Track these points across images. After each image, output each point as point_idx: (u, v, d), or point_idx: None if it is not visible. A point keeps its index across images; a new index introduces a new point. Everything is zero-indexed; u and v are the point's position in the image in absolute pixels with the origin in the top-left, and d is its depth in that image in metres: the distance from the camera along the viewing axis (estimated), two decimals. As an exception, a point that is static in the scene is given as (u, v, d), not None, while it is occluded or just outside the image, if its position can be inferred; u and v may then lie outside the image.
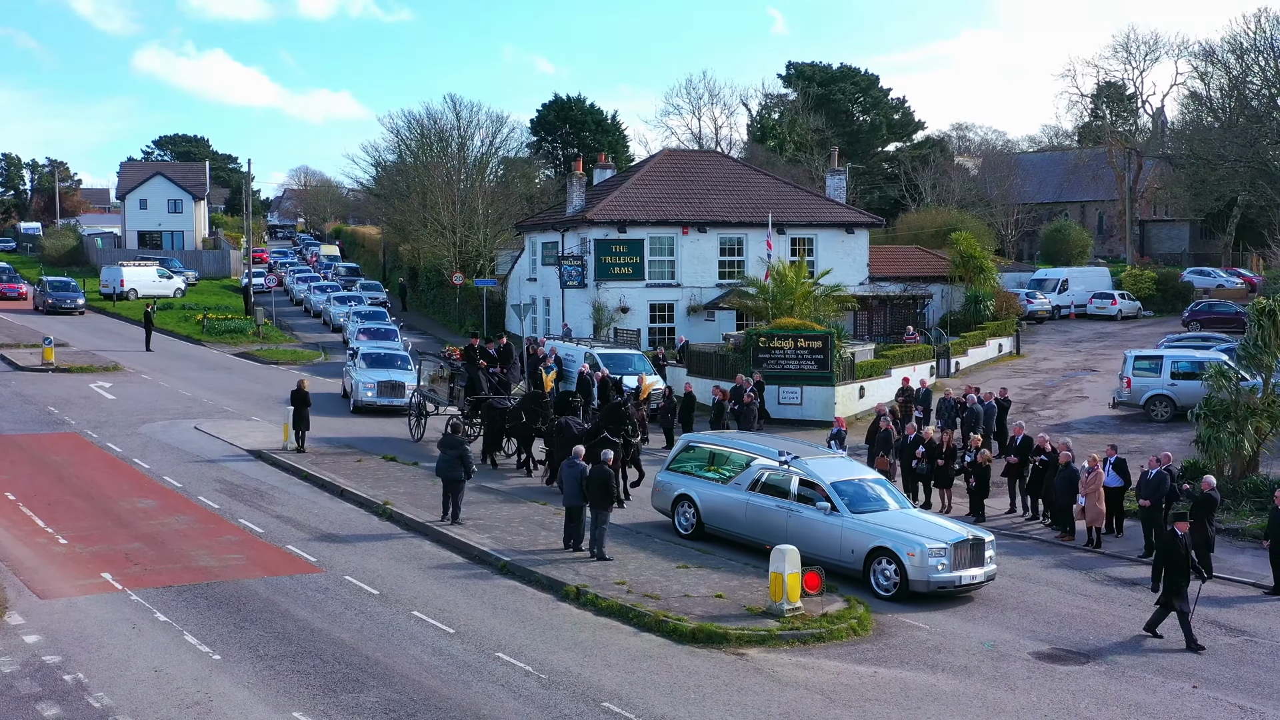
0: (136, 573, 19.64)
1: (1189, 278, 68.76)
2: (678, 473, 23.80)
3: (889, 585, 19.84)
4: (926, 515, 21.99)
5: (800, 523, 21.02)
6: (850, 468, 22.42)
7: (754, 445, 23.36)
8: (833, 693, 15.75)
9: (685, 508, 23.19)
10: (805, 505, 21.11)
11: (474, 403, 30.31)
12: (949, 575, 19.67)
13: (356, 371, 36.92)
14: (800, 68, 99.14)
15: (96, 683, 15.04)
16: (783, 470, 21.70)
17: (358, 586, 19.40)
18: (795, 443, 24.49)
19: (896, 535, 20.01)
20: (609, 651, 16.89)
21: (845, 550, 20.42)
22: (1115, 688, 16.38)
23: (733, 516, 22.24)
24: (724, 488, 22.65)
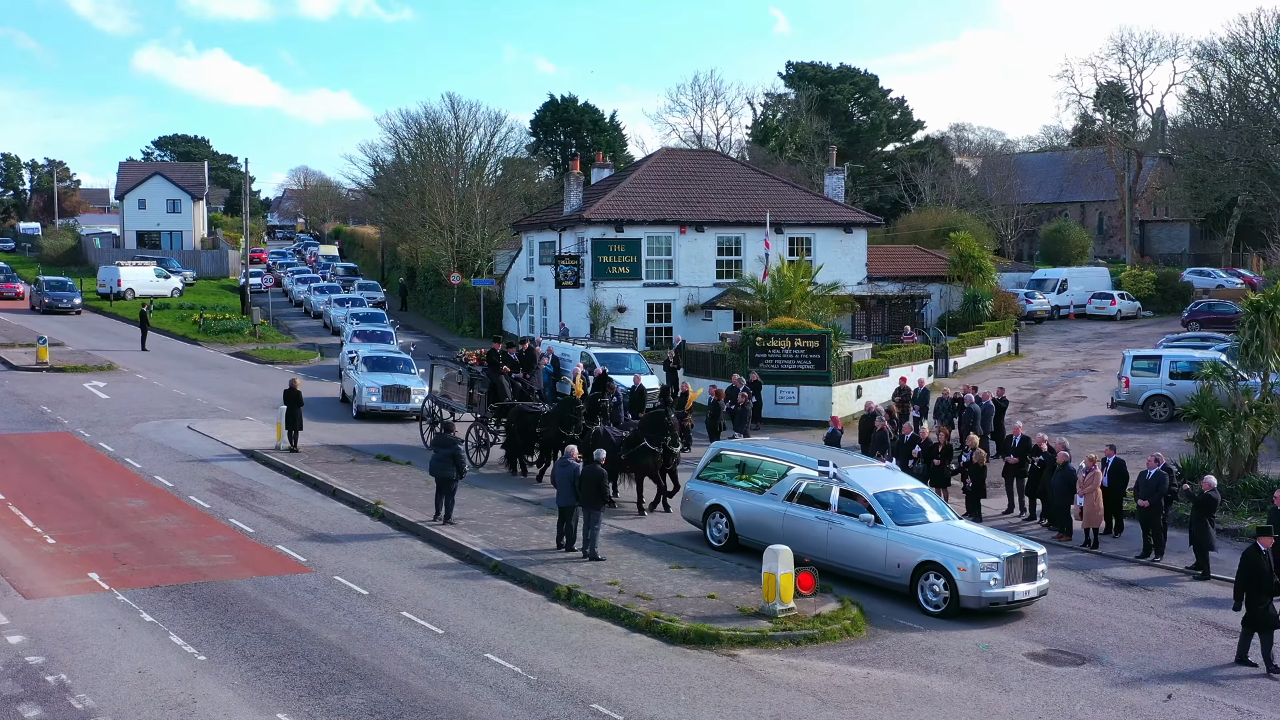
0: (124, 573, 19.47)
1: (1189, 278, 68.60)
2: (709, 482, 22.89)
3: (938, 602, 18.88)
4: (974, 527, 21.04)
5: (841, 535, 20.17)
6: (893, 477, 21.47)
7: (790, 454, 22.39)
8: (825, 694, 15.57)
9: (718, 518, 22.26)
10: (846, 517, 20.18)
11: (499, 409, 28.99)
12: (1002, 591, 18.74)
13: (358, 376, 35.75)
14: (800, 67, 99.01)
15: (79, 684, 14.87)
16: (822, 480, 20.76)
17: (347, 587, 19.23)
18: (832, 450, 23.63)
19: (946, 549, 19.03)
20: (599, 652, 16.71)
21: (890, 564, 19.51)
22: (1111, 690, 16.21)
23: (769, 528, 21.18)
24: (759, 498, 21.73)
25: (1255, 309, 25.73)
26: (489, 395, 29.09)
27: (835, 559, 20.17)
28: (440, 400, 31.41)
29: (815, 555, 20.00)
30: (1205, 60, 75.25)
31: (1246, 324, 26.03)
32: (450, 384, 31.51)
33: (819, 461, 21.14)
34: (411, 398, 34.36)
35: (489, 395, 29.09)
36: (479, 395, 29.41)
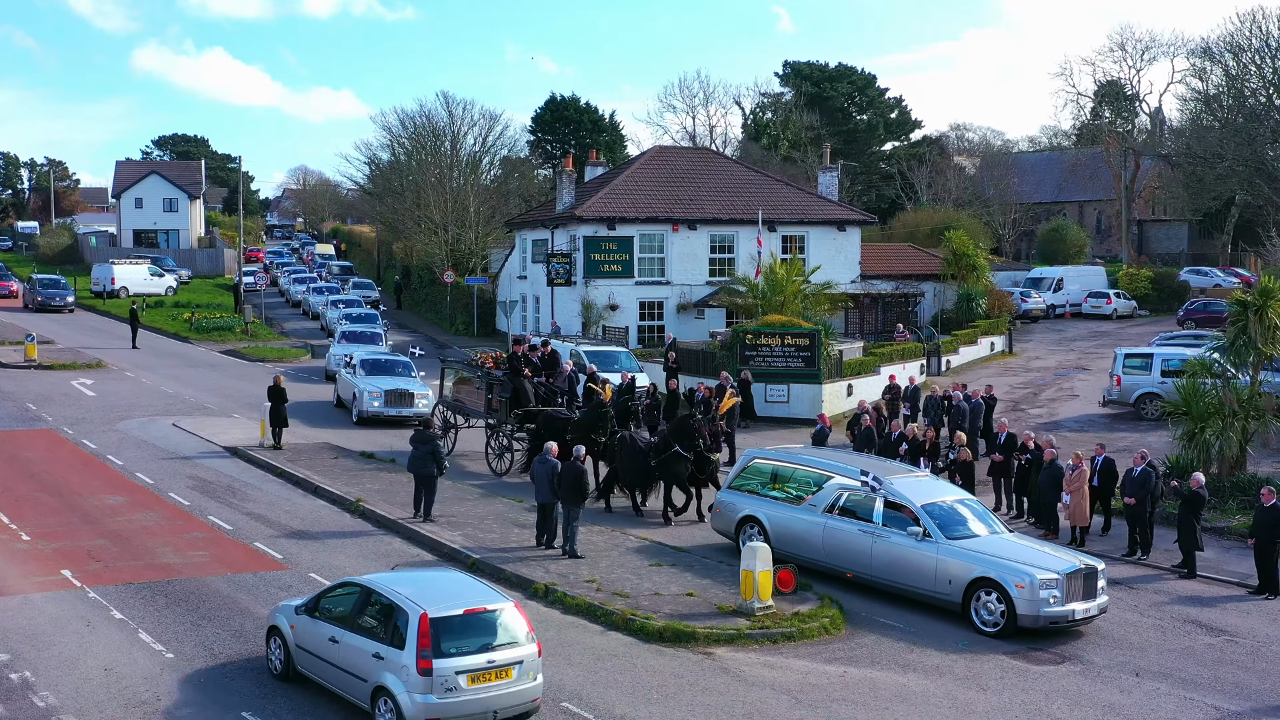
0: (97, 570, 19.33)
1: (1185, 277, 68.37)
2: (741, 492, 21.81)
3: (993, 621, 17.93)
4: (1027, 541, 19.92)
5: (887, 549, 19.17)
6: (938, 487, 20.55)
7: (827, 462, 21.29)
8: (799, 693, 15.40)
9: (751, 531, 21.11)
10: (892, 530, 19.17)
11: (523, 415, 27.58)
12: (1061, 609, 17.75)
13: (357, 379, 34.34)
14: (797, 67, 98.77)
15: (43, 681, 14.72)
16: (864, 491, 19.74)
17: (322, 584, 18.99)
18: (872, 459, 22.69)
19: (1002, 564, 18.04)
20: (573, 650, 16.54)
21: (940, 581, 18.53)
22: (1089, 688, 16.03)
23: (808, 541, 20.28)
24: (796, 509, 20.69)
25: (1243, 307, 25.51)
26: (512, 401, 27.83)
27: (880, 574, 19.31)
28: (452, 405, 30.32)
29: (858, 570, 19.37)
30: (1203, 59, 75.07)
31: (1234, 322, 25.81)
32: (463, 388, 30.28)
33: (861, 471, 20.05)
34: (415, 402, 33.25)
35: (512, 401, 27.83)
36: (499, 401, 28.17)
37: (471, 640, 13.49)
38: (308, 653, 14.52)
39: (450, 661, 13.19)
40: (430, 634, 13.17)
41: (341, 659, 13.98)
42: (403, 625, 13.34)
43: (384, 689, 13.26)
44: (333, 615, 14.41)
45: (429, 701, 13.01)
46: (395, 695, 13.10)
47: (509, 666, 13.55)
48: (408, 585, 14.24)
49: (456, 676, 13.18)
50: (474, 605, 13.79)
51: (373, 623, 13.81)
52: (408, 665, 13.11)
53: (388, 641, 13.44)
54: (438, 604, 13.57)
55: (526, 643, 13.83)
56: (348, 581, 14.96)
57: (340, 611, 14.34)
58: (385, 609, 13.73)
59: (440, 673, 13.10)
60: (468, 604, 13.78)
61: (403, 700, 13.04)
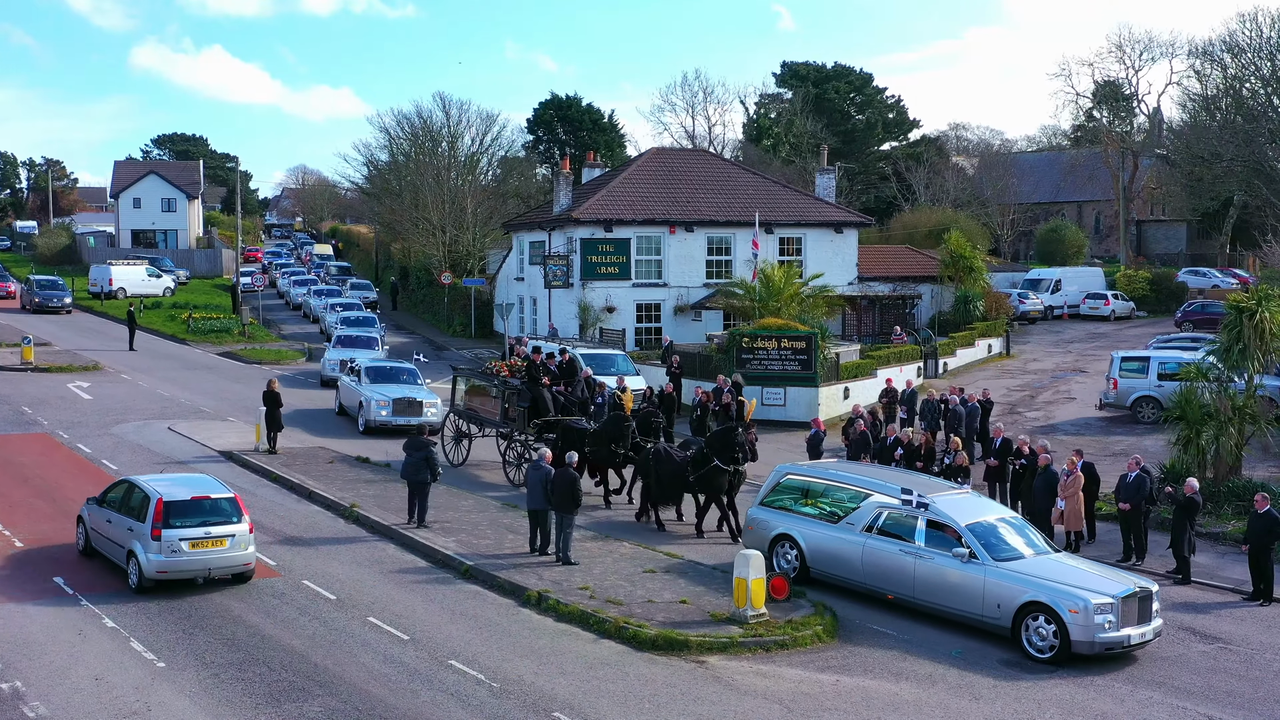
0: (89, 577, 19.27)
1: (1184, 278, 68.29)
2: (773, 509, 21.17)
3: (1045, 646, 17.24)
4: (1078, 561, 19.24)
5: (931, 571, 18.57)
6: (982, 506, 19.89)
7: (865, 479, 20.63)
8: (792, 702, 15.37)
9: (786, 549, 20.60)
10: (936, 551, 18.56)
11: (542, 425, 26.95)
12: (1117, 634, 17.12)
13: (363, 388, 33.42)
14: (795, 67, 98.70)
15: (34, 691, 14.69)
16: (906, 509, 19.13)
17: (315, 591, 19.04)
18: (912, 475, 22.02)
19: (1054, 588, 17.40)
20: (565, 659, 16.52)
21: (989, 605, 17.87)
22: (1082, 696, 16.00)
23: (846, 561, 19.71)
24: (834, 528, 20.06)
25: (1238, 311, 25.47)
26: (531, 410, 27.21)
27: (923, 597, 18.72)
28: (465, 414, 29.68)
29: (900, 592, 18.93)
30: (1201, 60, 75.04)
31: (1229, 325, 25.78)
32: (477, 396, 29.60)
33: (902, 490, 19.41)
34: (424, 411, 32.36)
35: (531, 410, 27.21)
36: (517, 410, 27.51)
37: (194, 519, 18.67)
38: (96, 532, 20.00)
39: (175, 532, 18.44)
40: (163, 513, 18.42)
41: (111, 533, 19.39)
42: (147, 506, 18.57)
43: (132, 552, 18.61)
44: (109, 503, 19.69)
45: (159, 560, 18.34)
46: (138, 555, 18.47)
47: (223, 538, 18.78)
48: (160, 480, 19.85)
49: (180, 542, 18.43)
50: (199, 494, 19.13)
51: (131, 506, 19.02)
52: (146, 534, 18.38)
53: (137, 519, 18.66)
54: (172, 493, 18.91)
55: (239, 523, 19.02)
56: (122, 480, 20.49)
57: (114, 499, 19.66)
58: (140, 496, 18.99)
59: (167, 539, 18.37)
60: (195, 493, 19.13)
61: (142, 559, 18.40)
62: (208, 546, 18.60)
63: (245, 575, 19.11)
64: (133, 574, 18.60)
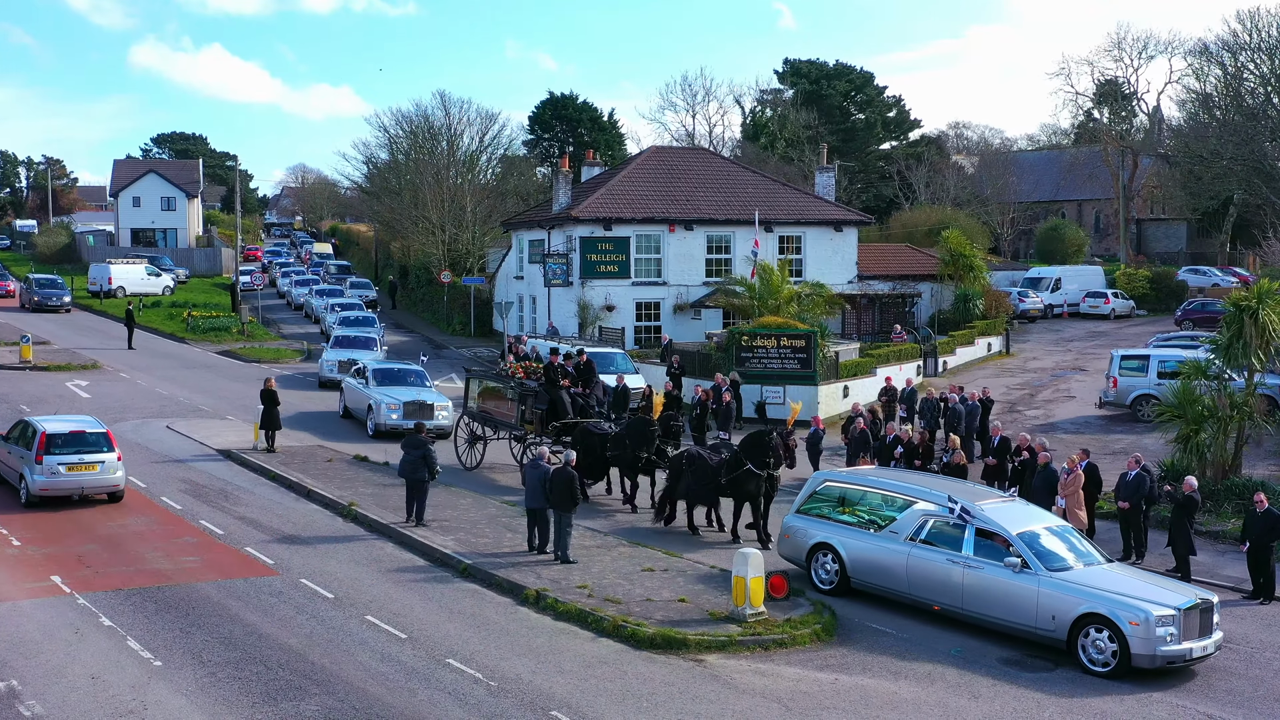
0: (87, 575, 19.26)
1: (1184, 276, 68.27)
2: (811, 516, 20.54)
3: (1103, 660, 16.65)
4: (1130, 571, 18.72)
5: (980, 581, 17.94)
6: (1030, 513, 19.20)
7: (908, 486, 19.99)
8: (790, 700, 15.33)
9: (825, 558, 19.96)
10: (986, 561, 17.96)
11: (560, 428, 26.62)
12: (1178, 648, 16.47)
13: (371, 390, 32.70)
14: (796, 65, 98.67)
15: (30, 690, 14.66)
16: (952, 517, 18.54)
17: (313, 590, 19.00)
18: (955, 482, 21.33)
19: (1113, 599, 16.78)
20: (563, 657, 16.47)
21: (1043, 616, 17.25)
22: (1082, 695, 15.95)
23: (889, 571, 19.11)
24: (875, 537, 19.46)
25: (1238, 308, 25.43)
26: (549, 413, 26.88)
27: (973, 608, 18.11)
28: (479, 416, 29.22)
29: (948, 603, 18.35)
30: (1201, 59, 74.98)
31: (1229, 323, 25.73)
32: (491, 398, 29.16)
33: (948, 497, 18.87)
34: (435, 414, 31.67)
35: (549, 413, 26.88)
36: (534, 413, 27.16)
37: (71, 448, 23.55)
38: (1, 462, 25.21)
39: (55, 458, 23.41)
40: (45, 443, 23.39)
41: (10, 461, 24.72)
42: (34, 438, 23.53)
43: (23, 475, 23.74)
44: (10, 438, 24.86)
45: (42, 480, 23.38)
46: (26, 477, 23.58)
47: (95, 463, 23.67)
48: (49, 420, 25.22)
49: (59, 466, 23.37)
50: (77, 429, 24.12)
51: (25, 439, 24.04)
52: (32, 460, 23.38)
53: (27, 448, 23.67)
54: (55, 428, 23.98)
55: (109, 453, 23.88)
56: (20, 420, 25.58)
57: (14, 435, 24.84)
58: (31, 430, 23.99)
59: (48, 464, 23.37)
60: (73, 428, 24.14)
61: (29, 479, 23.50)
62: (81, 470, 23.52)
63: (116, 495, 24.22)
64: (23, 491, 23.81)
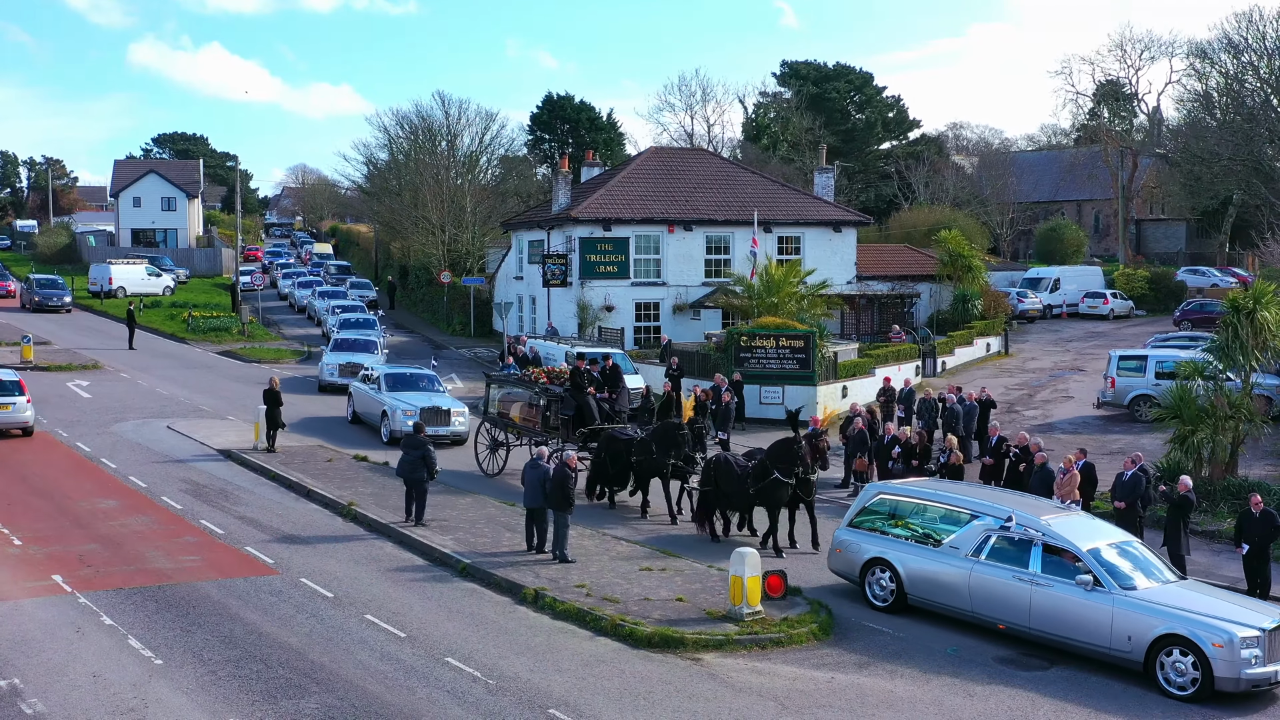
0: (88, 575, 19.36)
1: (1183, 277, 68.39)
2: (864, 530, 19.86)
3: (1184, 683, 15.94)
4: (1207, 589, 18.00)
5: (1050, 600, 17.25)
6: (1098, 528, 18.57)
7: (969, 500, 19.23)
8: (786, 699, 15.43)
9: (880, 574, 19.28)
10: (1055, 579, 17.28)
11: (587, 434, 26.15)
12: (1264, 670, 15.82)
13: (384, 396, 32.04)
14: (795, 66, 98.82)
15: (32, 689, 14.75)
16: (1018, 532, 17.89)
17: (312, 589, 19.10)
18: (1018, 495, 20.64)
19: (1193, 619, 16.10)
20: (561, 656, 16.57)
21: (1117, 637, 16.60)
22: (1077, 694, 16.05)
23: (951, 589, 18.40)
24: (934, 552, 18.75)
25: (1235, 309, 25.54)
26: (575, 419, 26.45)
27: (1041, 627, 17.43)
28: (500, 422, 28.68)
29: (1014, 622, 17.66)
30: (1201, 59, 75.10)
31: (1226, 324, 25.85)
32: (512, 404, 28.59)
33: (1012, 512, 18.25)
34: (450, 420, 31.18)
35: (575, 419, 26.45)
36: (559, 419, 26.69)
37: None
38: None
39: None
40: None
41: None
42: None
43: None
44: None
45: None
46: None
47: (7, 404, 30.07)
48: None
49: None
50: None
51: None
52: None
53: None
54: None
55: (20, 396, 30.35)
56: None
57: None
58: None
59: None
60: None
61: None
62: None
63: (28, 431, 30.56)
64: None
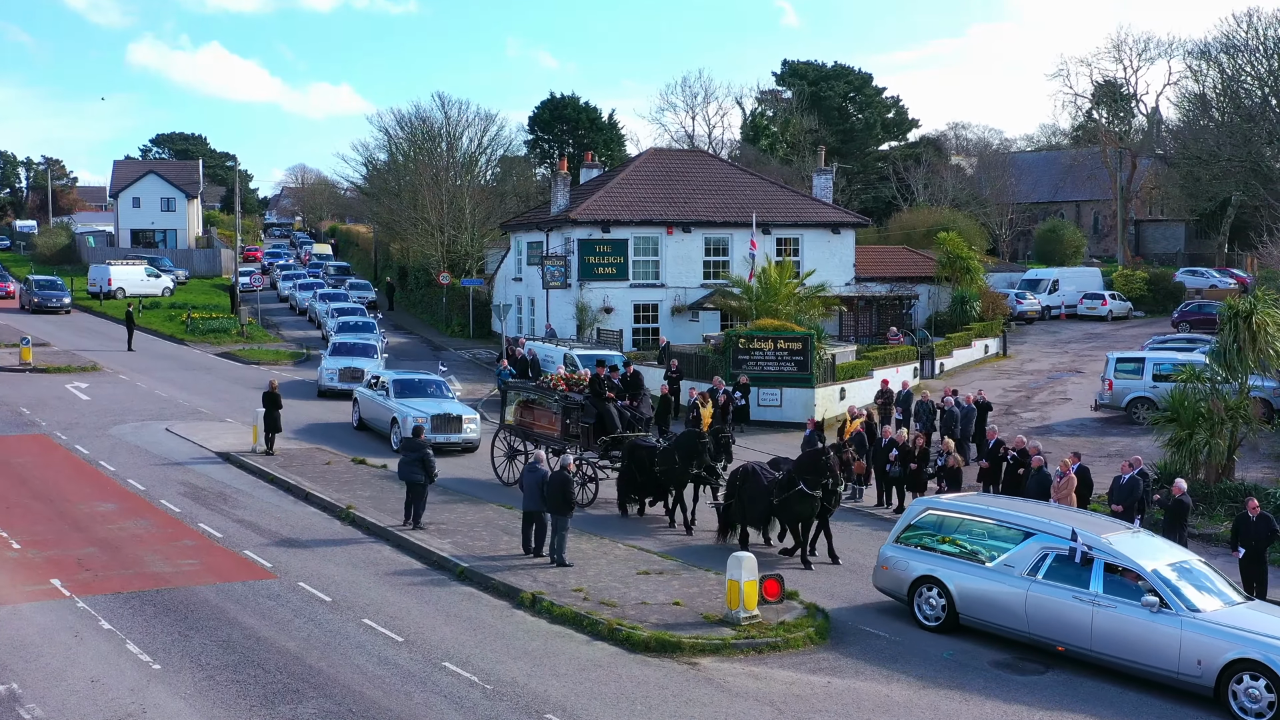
0: (86, 579, 19.38)
1: (1181, 278, 68.39)
2: (912, 547, 19.25)
3: (1258, 710, 15.40)
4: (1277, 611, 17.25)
5: (1113, 623, 16.66)
6: (1159, 546, 17.92)
7: (1023, 516, 18.54)
8: (783, 703, 15.46)
9: (929, 592, 18.70)
10: (1119, 599, 16.71)
11: (608, 443, 25.78)
12: None
13: (394, 403, 31.38)
14: (795, 66, 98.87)
15: (30, 694, 14.78)
16: (1077, 551, 17.32)
17: (310, 593, 19.13)
18: (1073, 512, 19.96)
19: (1270, 644, 15.52)
20: (558, 661, 16.61)
21: (1186, 661, 15.99)
22: (1074, 699, 16.09)
23: (1006, 609, 17.79)
24: (988, 571, 18.14)
25: (1233, 313, 25.61)
26: (596, 427, 26.05)
27: (1103, 650, 16.85)
28: (518, 430, 28.13)
29: (1074, 644, 17.10)
30: (1199, 60, 75.20)
31: (1225, 328, 25.91)
32: (531, 411, 28.17)
33: (1071, 530, 17.61)
34: (463, 427, 30.79)
35: (596, 427, 26.05)
36: (580, 427, 26.37)
37: None
38: None
39: None
40: None
41: None
42: None
43: None
44: None
45: None
46: None
47: None
48: None
49: None
50: None
51: None
52: None
53: None
54: None
55: None
56: None
57: None
58: None
59: None
60: None
61: None
62: None
63: None
64: None
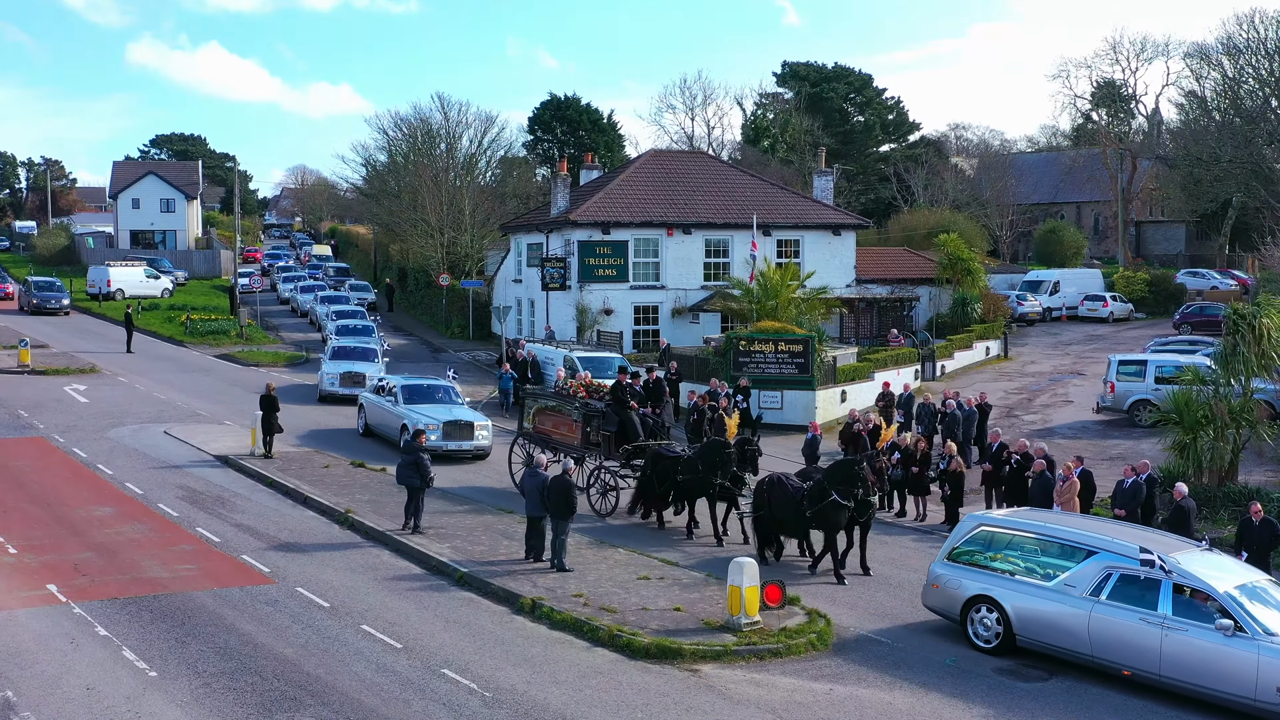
0: (83, 584, 19.25)
1: (1182, 279, 68.30)
2: (963, 564, 18.58)
3: None
4: None
5: (1183, 647, 15.96)
6: (1230, 566, 17.26)
7: (1085, 534, 17.82)
8: (785, 711, 15.34)
9: (984, 613, 17.94)
10: (1189, 622, 16.00)
11: (631, 451, 25.42)
12: None
13: (402, 409, 30.68)
14: (795, 67, 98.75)
15: (25, 701, 14.65)
16: (1144, 571, 16.51)
17: (308, 599, 18.99)
18: (1139, 529, 19.27)
19: None
20: (558, 668, 16.48)
21: (1264, 688, 15.31)
22: (1078, 706, 15.97)
23: (1068, 631, 17.06)
24: (1047, 590, 17.40)
25: (1237, 316, 25.51)
26: (618, 435, 25.59)
27: (1173, 675, 16.16)
28: (535, 438, 27.59)
29: (1141, 669, 16.39)
30: (1199, 61, 75.02)
31: (1228, 332, 25.81)
32: (549, 419, 27.68)
33: (1140, 549, 16.71)
34: (475, 434, 30.13)
35: (618, 435, 25.59)
36: (601, 435, 25.80)
37: None
38: None
39: None
40: None
41: None
42: None
43: None
44: None
45: None
46: None
47: None
48: None
49: None
50: None
51: None
52: None
53: None
54: None
55: None
56: None
57: None
58: None
59: None
60: None
61: None
62: None
63: None
64: None
